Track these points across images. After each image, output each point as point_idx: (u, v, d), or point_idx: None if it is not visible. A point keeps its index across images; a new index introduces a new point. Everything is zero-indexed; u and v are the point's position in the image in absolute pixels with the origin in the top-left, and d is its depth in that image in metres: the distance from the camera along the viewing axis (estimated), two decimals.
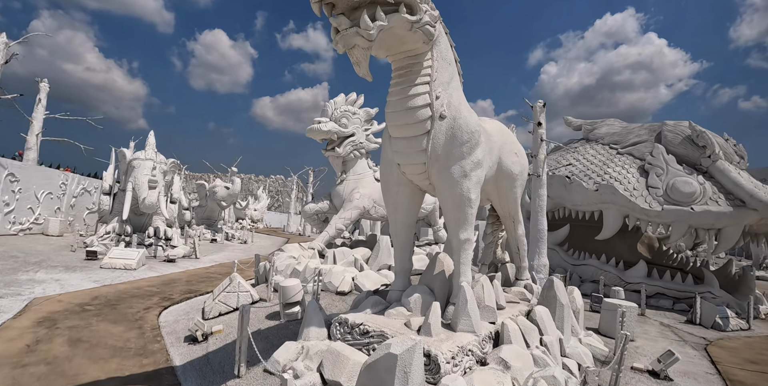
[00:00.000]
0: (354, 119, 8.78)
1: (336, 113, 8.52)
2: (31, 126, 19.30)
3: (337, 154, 8.57)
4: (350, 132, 8.67)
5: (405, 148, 4.25)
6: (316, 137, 8.44)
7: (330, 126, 8.29)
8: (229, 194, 21.55)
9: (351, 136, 8.72)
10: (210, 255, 14.91)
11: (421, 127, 4.08)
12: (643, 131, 13.53)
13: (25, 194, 15.90)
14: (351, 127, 8.68)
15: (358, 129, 8.86)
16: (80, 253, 12.01)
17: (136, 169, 13.13)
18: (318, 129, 8.21)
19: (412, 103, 4.02)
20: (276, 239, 28.17)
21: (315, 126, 8.25)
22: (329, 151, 8.69)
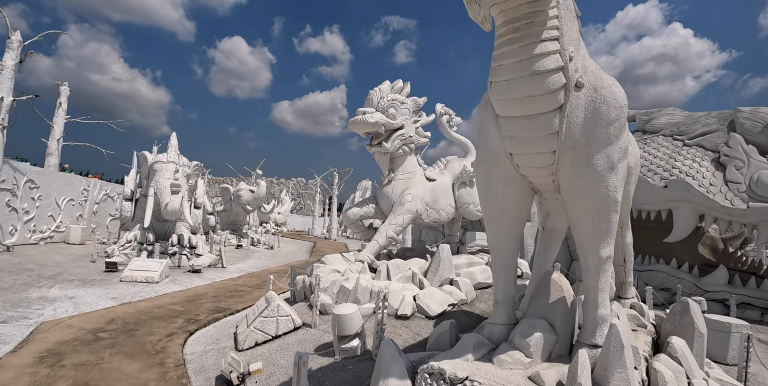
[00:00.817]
0: (402, 109, 7.55)
1: (383, 102, 7.28)
2: (52, 131, 18.74)
3: (385, 149, 7.34)
4: (399, 124, 7.43)
5: (526, 131, 3.00)
6: (361, 130, 7.22)
7: (377, 117, 7.06)
8: (254, 197, 20.62)
9: (400, 128, 7.48)
10: (237, 264, 13.89)
11: (551, 100, 2.84)
12: (711, 119, 11.96)
13: (46, 201, 15.20)
14: (399, 118, 7.45)
15: (407, 121, 7.62)
16: (100, 264, 11.11)
17: (158, 172, 12.20)
18: (363, 121, 6.99)
19: (538, 66, 2.77)
20: (302, 243, 27.19)
21: (359, 117, 7.03)
22: (375, 146, 7.46)
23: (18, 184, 13.81)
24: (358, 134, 7.45)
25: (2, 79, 11.65)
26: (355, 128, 7.19)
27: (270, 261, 15.43)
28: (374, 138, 7.49)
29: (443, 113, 9.05)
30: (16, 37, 12.01)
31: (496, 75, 2.97)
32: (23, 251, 12.59)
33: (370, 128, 7.11)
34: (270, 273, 12.24)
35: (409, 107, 7.77)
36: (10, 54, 11.86)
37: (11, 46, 11.89)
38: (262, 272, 12.30)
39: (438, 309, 5.70)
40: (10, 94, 11.82)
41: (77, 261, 11.66)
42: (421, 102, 8.11)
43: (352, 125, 7.15)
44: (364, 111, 7.12)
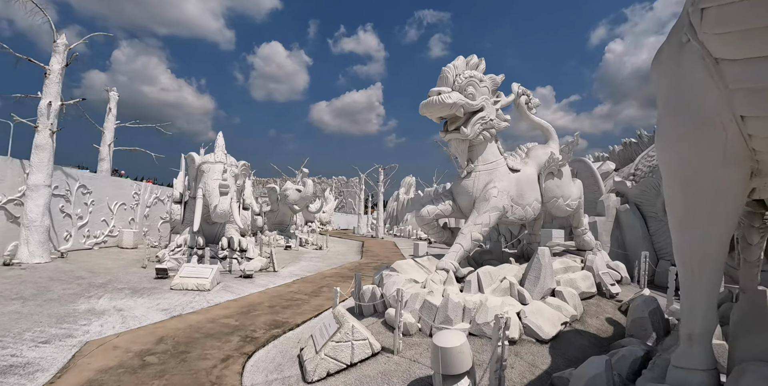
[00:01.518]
0: (481, 87, 6.35)
1: (459, 80, 6.10)
2: (103, 136, 18.84)
3: (464, 135, 6.17)
4: (479, 105, 6.25)
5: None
6: (435, 113, 6.08)
7: (455, 98, 5.90)
8: (301, 196, 19.99)
9: (479, 111, 6.30)
10: (288, 267, 13.16)
11: None
12: None
13: (98, 206, 15.12)
14: (479, 98, 6.26)
15: (487, 102, 6.42)
16: (150, 270, 10.63)
17: (206, 173, 11.61)
18: (439, 102, 5.84)
19: None
20: (350, 242, 26.45)
21: (435, 99, 5.88)
22: (452, 132, 6.30)
23: (71, 190, 13.72)
24: (431, 118, 6.34)
25: (50, 84, 11.40)
26: (428, 111, 6.06)
27: (321, 263, 14.64)
28: (450, 123, 6.35)
29: (521, 92, 7.78)
30: (62, 41, 11.74)
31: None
32: (77, 257, 12.40)
33: (446, 111, 5.97)
34: (324, 277, 11.42)
35: (488, 85, 6.57)
36: (56, 58, 11.61)
37: (57, 50, 11.64)
38: (315, 276, 11.47)
39: (551, 330, 4.52)
40: (58, 98, 11.57)
41: (128, 267, 11.27)
42: (499, 80, 6.88)
43: (426, 107, 6.02)
44: (439, 91, 5.98)
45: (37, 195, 10.95)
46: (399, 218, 42.34)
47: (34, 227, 10.80)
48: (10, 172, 11.51)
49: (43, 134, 11.12)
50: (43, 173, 11.09)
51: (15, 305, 6.88)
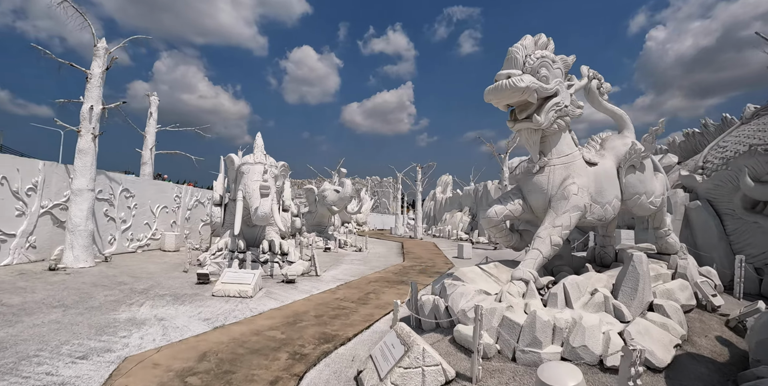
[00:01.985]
0: (554, 69, 5.51)
1: (530, 61, 5.28)
2: (145, 140, 19.04)
3: (537, 124, 5.35)
4: (553, 90, 5.42)
5: None
6: (504, 99, 5.28)
7: (528, 81, 5.08)
8: (340, 197, 19.53)
9: (554, 96, 5.47)
10: (330, 270, 12.65)
11: None
12: None
13: (141, 210, 15.15)
14: (553, 82, 5.43)
15: (561, 86, 5.58)
16: (192, 274, 10.34)
17: (246, 175, 11.25)
18: (511, 86, 5.03)
19: None
20: (388, 243, 25.81)
21: (505, 82, 5.08)
22: (522, 121, 5.48)
23: (114, 194, 13.74)
24: (496, 106, 5.56)
25: (91, 88, 11.35)
26: (496, 97, 5.27)
27: (364, 267, 14.05)
28: (520, 110, 5.54)
29: (592, 76, 6.86)
30: (102, 45, 11.69)
31: None
32: (120, 260, 12.34)
33: (517, 96, 5.17)
34: (368, 282, 10.80)
35: (561, 67, 5.73)
36: (97, 62, 11.56)
37: (97, 53, 11.59)
38: (359, 281, 10.87)
39: (665, 355, 3.70)
40: (100, 102, 11.51)
41: (170, 271, 11.04)
42: (570, 62, 6.01)
43: (494, 93, 5.23)
44: (509, 73, 5.18)
45: (80, 199, 10.90)
46: (437, 218, 41.38)
47: (78, 231, 10.74)
48: (56, 177, 11.56)
49: (86, 139, 11.06)
50: (87, 177, 11.03)
51: (56, 313, 6.62)
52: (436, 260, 16.38)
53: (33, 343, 5.30)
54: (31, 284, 8.43)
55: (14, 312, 6.57)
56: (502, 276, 5.58)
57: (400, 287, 10.14)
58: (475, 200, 32.87)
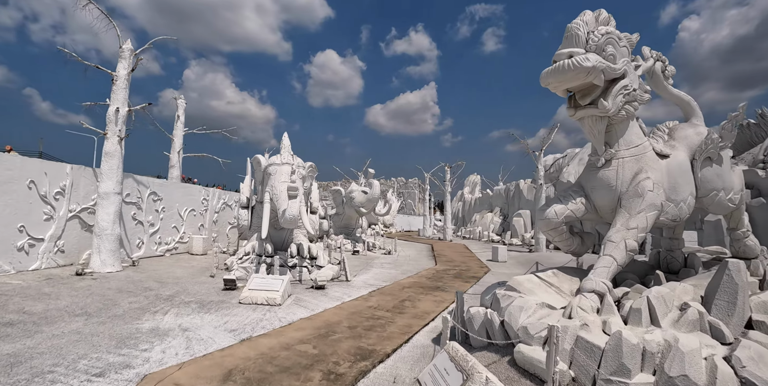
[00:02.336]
0: (621, 48, 4.79)
1: (594, 38, 4.56)
2: (173, 144, 19.03)
3: (604, 110, 4.62)
4: (621, 70, 4.68)
5: None
6: (567, 81, 4.53)
7: (594, 60, 4.36)
8: (368, 198, 19.02)
9: (621, 78, 4.75)
10: (360, 275, 12.11)
11: None
12: None
13: (169, 213, 15.01)
14: (620, 62, 4.70)
15: (629, 66, 4.85)
16: (219, 279, 9.99)
17: (273, 176, 10.85)
18: (575, 66, 4.31)
19: None
20: (417, 245, 25.15)
21: (567, 62, 4.36)
22: (586, 107, 4.77)
23: (142, 197, 13.62)
24: (554, 91, 4.87)
25: (117, 90, 11.20)
26: (557, 79, 4.56)
27: (395, 271, 13.45)
28: (582, 95, 4.83)
29: (656, 58, 6.07)
30: (127, 46, 11.53)
31: None
32: (147, 265, 12.15)
33: (582, 78, 4.46)
34: (402, 288, 10.19)
35: (627, 46, 4.99)
36: (122, 63, 11.40)
37: (123, 55, 11.43)
38: (392, 287, 10.27)
39: None
40: (126, 104, 11.34)
41: (197, 276, 10.73)
42: (635, 40, 5.24)
43: (554, 74, 4.52)
44: (571, 52, 4.48)
45: (107, 203, 10.72)
46: (466, 219, 40.42)
47: (105, 235, 10.56)
48: (84, 180, 11.45)
49: (112, 141, 10.89)
50: (113, 181, 10.85)
51: (78, 322, 6.29)
52: (470, 264, 15.63)
53: (49, 357, 4.93)
54: (56, 290, 8.20)
55: (35, 320, 6.27)
56: (563, 286, 4.88)
57: (436, 294, 9.49)
58: (507, 200, 31.82)
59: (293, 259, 10.68)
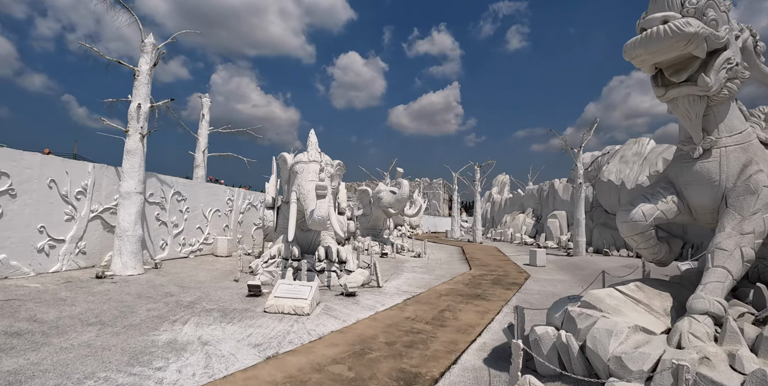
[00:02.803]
0: (721, 13, 3.89)
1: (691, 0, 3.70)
2: (198, 143, 18.76)
3: (705, 87, 3.71)
4: (725, 40, 3.80)
5: None
6: (661, 52, 3.59)
7: (696, 26, 3.48)
8: (396, 199, 18.26)
9: (723, 49, 3.85)
10: (392, 280, 11.36)
11: None
12: None
13: (193, 213, 14.64)
14: (722, 29, 3.82)
15: (731, 35, 3.96)
16: (243, 284, 9.42)
17: (299, 174, 10.22)
18: (675, 32, 3.38)
19: None
20: (447, 248, 24.26)
21: (662, 28, 3.47)
22: (681, 85, 3.85)
23: (166, 197, 13.26)
24: (640, 66, 3.98)
25: (138, 85, 10.81)
26: (648, 49, 3.66)
27: (428, 276, 12.64)
28: (674, 71, 3.93)
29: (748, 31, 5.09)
30: (150, 40, 11.15)
31: None
32: (170, 267, 11.72)
33: (680, 48, 3.56)
34: (439, 295, 9.38)
35: (726, 11, 4.08)
36: (144, 58, 11.02)
37: (145, 49, 11.05)
38: (428, 294, 9.48)
39: None
40: (148, 100, 10.96)
41: (220, 280, 10.21)
42: (729, 6, 4.31)
43: (645, 43, 3.62)
44: (665, 17, 3.61)
45: (128, 203, 10.33)
46: (495, 221, 39.18)
47: (126, 236, 10.16)
48: (106, 180, 11.11)
49: (134, 139, 10.50)
50: (135, 180, 10.45)
51: (90, 333, 5.75)
52: (507, 269, 14.67)
53: (53, 375, 4.36)
54: (73, 295, 7.76)
55: (44, 330, 5.77)
56: (654, 304, 3.99)
57: (477, 303, 8.66)
58: (540, 201, 30.51)
59: (321, 263, 10.02)
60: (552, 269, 15.13)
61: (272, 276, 9.71)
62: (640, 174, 21.52)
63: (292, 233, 9.37)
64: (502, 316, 7.59)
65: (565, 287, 11.08)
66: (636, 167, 22.30)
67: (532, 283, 11.63)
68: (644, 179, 20.99)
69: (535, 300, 9.21)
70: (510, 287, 10.80)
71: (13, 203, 8.96)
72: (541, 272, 14.16)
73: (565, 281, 12.21)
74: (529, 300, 9.20)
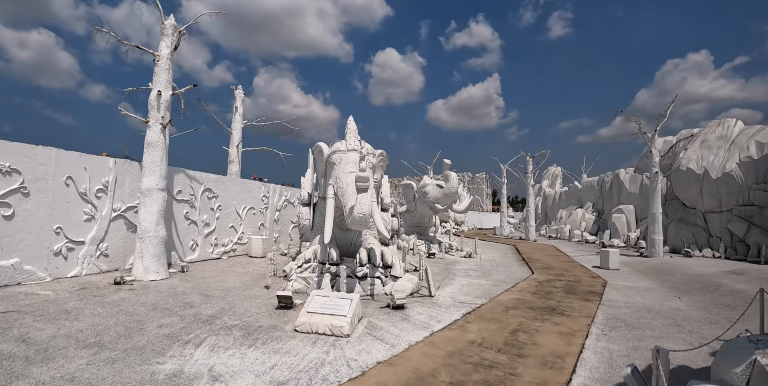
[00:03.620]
0: None
1: None
2: (231, 137, 18.00)
3: None
4: None
5: None
6: None
7: None
8: (444, 193, 16.70)
9: None
10: (445, 288, 9.89)
11: None
12: None
13: (226, 211, 13.77)
14: None
15: None
16: (274, 291, 8.26)
17: (337, 166, 8.96)
18: None
19: None
20: (499, 246, 22.43)
21: None
22: None
23: (195, 194, 12.41)
24: None
25: (159, 71, 9.91)
26: None
27: (486, 281, 11.06)
28: None
29: None
30: (170, 22, 10.24)
31: None
32: (198, 271, 10.79)
33: None
34: (505, 308, 7.81)
35: None
36: (164, 41, 10.10)
37: (165, 32, 10.13)
38: (492, 307, 7.96)
39: None
40: (169, 87, 10.04)
41: (250, 286, 9.12)
42: None
43: None
44: None
45: (150, 201, 9.44)
46: (549, 216, 36.66)
47: (147, 238, 9.28)
48: (129, 176, 10.30)
49: (154, 130, 9.60)
50: (156, 175, 9.55)
51: (81, 359, 4.69)
52: (576, 273, 12.82)
53: None
54: (81, 306, 6.84)
55: (29, 355, 4.76)
56: None
57: (555, 319, 7.05)
58: (601, 194, 27.89)
59: (363, 268, 8.70)
60: (629, 273, 13.12)
61: (307, 284, 8.51)
62: (727, 161, 18.79)
63: (329, 233, 8.09)
64: (593, 341, 5.96)
65: (657, 298, 9.19)
66: (722, 152, 19.55)
67: (614, 292, 9.80)
68: (733, 167, 18.28)
69: (627, 316, 7.47)
70: (588, 297, 9.07)
71: (26, 202, 8.22)
72: (617, 277, 12.23)
73: (652, 289, 10.28)
74: (619, 315, 7.47)
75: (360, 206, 7.35)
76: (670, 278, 11.72)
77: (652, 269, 13.40)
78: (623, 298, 9.13)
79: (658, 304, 8.57)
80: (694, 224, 20.15)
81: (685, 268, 12.95)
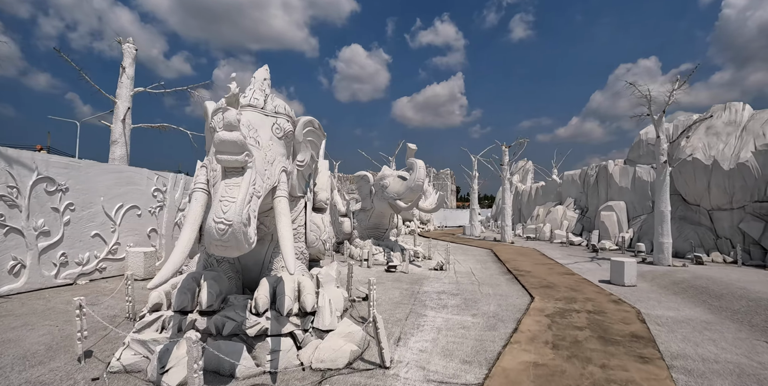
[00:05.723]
0: None
1: None
2: (116, 109, 13.52)
3: None
4: None
5: None
6: None
7: None
8: (408, 187, 13.02)
9: None
10: (409, 337, 6.22)
11: None
12: None
13: (84, 213, 9.57)
14: None
15: None
16: (93, 366, 4.34)
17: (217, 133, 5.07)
18: None
19: None
20: (473, 251, 19.07)
21: None
22: None
23: (19, 186, 8.18)
24: None
25: None
26: None
27: (471, 317, 7.50)
28: None
29: None
30: None
31: None
32: (5, 311, 6.65)
33: None
34: None
35: None
36: None
37: None
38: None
39: None
40: None
41: (58, 353, 5.14)
42: None
43: None
44: None
45: None
46: (524, 214, 33.96)
47: None
48: None
49: None
50: None
51: None
52: (587, 293, 9.55)
53: None
54: None
55: None
56: None
57: None
58: (584, 189, 25.21)
59: (259, 319, 4.88)
60: (653, 291, 9.99)
61: (148, 353, 4.62)
62: (741, 150, 16.23)
63: (179, 256, 4.22)
64: None
65: (736, 344, 5.98)
66: (732, 140, 17.01)
67: (667, 334, 6.51)
68: (748, 156, 15.72)
69: None
70: (639, 350, 5.70)
71: None
72: (644, 299, 9.04)
73: (712, 324, 7.10)
74: None
75: (222, 206, 3.55)
76: (720, 301, 8.62)
77: (683, 286, 10.34)
78: (691, 349, 5.83)
79: (741, 358, 5.34)
80: (698, 224, 17.59)
81: (727, 283, 9.94)
